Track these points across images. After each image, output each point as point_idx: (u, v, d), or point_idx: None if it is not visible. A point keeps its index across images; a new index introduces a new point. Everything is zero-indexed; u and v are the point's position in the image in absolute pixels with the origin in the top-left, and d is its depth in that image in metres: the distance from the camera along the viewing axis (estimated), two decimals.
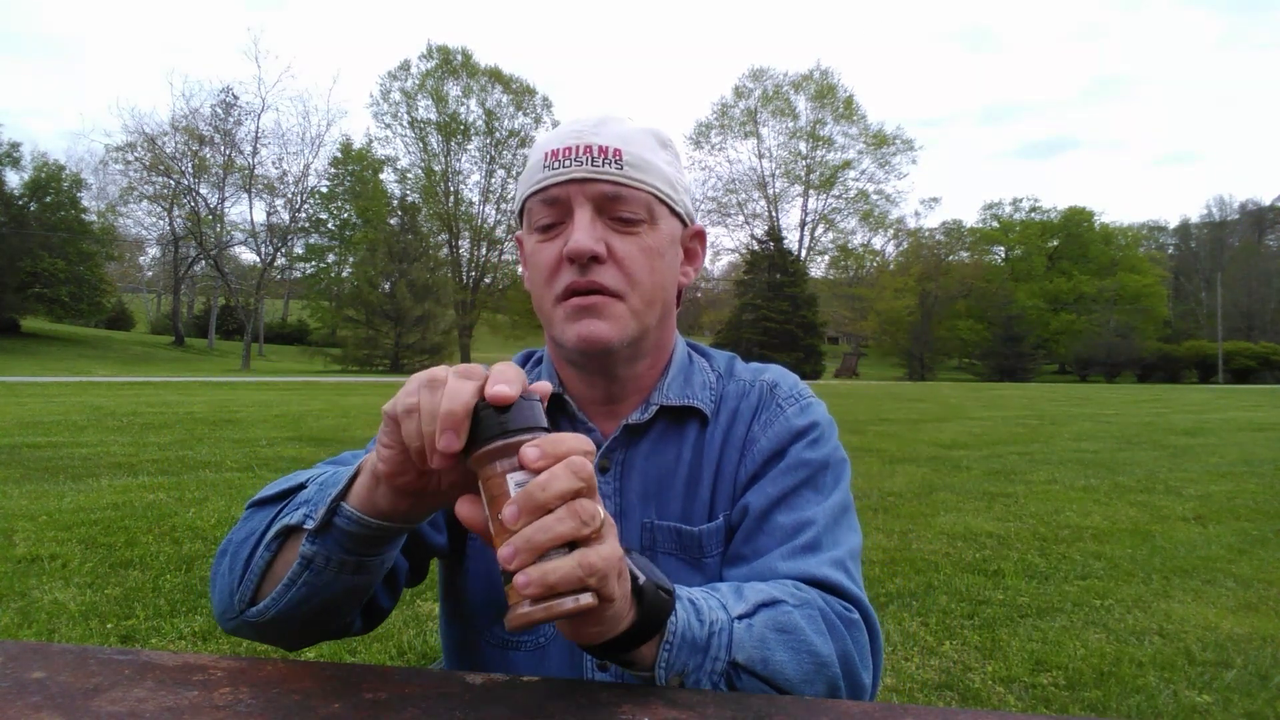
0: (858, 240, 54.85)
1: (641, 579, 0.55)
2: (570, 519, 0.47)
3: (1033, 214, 59.06)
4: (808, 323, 43.85)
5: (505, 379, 0.50)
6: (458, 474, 0.55)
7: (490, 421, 0.49)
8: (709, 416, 0.84)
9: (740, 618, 0.62)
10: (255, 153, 38.52)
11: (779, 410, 0.84)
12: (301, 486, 0.65)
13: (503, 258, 44.56)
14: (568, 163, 0.75)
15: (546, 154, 0.77)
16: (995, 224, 59.25)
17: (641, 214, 0.77)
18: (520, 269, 0.88)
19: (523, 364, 0.92)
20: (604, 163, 0.75)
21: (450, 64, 42.88)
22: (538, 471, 0.48)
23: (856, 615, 0.69)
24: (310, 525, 0.59)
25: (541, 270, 0.77)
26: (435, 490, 0.57)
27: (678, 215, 0.82)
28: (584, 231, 0.73)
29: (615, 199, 0.75)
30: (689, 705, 0.54)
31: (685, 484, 0.82)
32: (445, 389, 0.50)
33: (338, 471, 0.64)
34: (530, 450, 0.48)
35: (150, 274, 63.23)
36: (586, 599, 0.48)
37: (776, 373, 0.89)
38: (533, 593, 0.47)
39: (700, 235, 0.88)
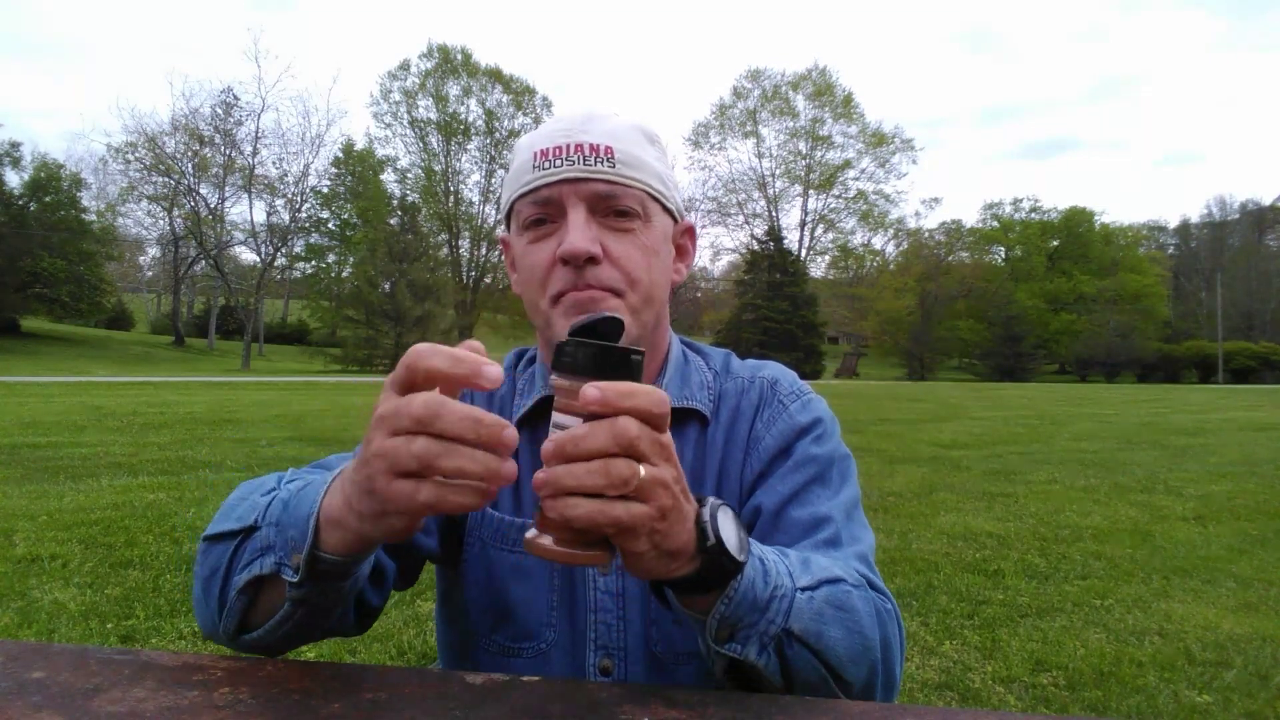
0: (858, 240, 55.01)
1: (710, 541, 0.55)
2: (600, 476, 0.47)
3: (1033, 214, 59.00)
4: (808, 323, 43.83)
5: (485, 366, 0.48)
6: None
7: (558, 351, 0.51)
8: (709, 417, 0.83)
9: (803, 589, 0.61)
10: (255, 153, 38.53)
11: (781, 407, 0.83)
12: (254, 528, 0.63)
13: (503, 258, 44.41)
14: (558, 162, 0.73)
15: (535, 154, 0.75)
16: (995, 224, 59.19)
17: (636, 212, 0.75)
18: (510, 272, 0.86)
19: (514, 363, 0.91)
20: (595, 161, 0.73)
21: (450, 63, 42.93)
22: (590, 417, 0.48)
23: (891, 607, 0.69)
24: (290, 577, 0.58)
25: (535, 272, 0.76)
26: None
27: (669, 212, 0.81)
28: (579, 232, 0.72)
29: (609, 198, 0.74)
30: (689, 705, 0.54)
31: (688, 485, 0.81)
32: (462, 445, 0.47)
33: (287, 505, 0.61)
34: (591, 391, 0.48)
35: (150, 274, 63.24)
36: (596, 554, 0.50)
37: (775, 369, 0.88)
38: (552, 524, 0.49)
39: (690, 231, 0.87)
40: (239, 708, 0.52)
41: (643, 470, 0.48)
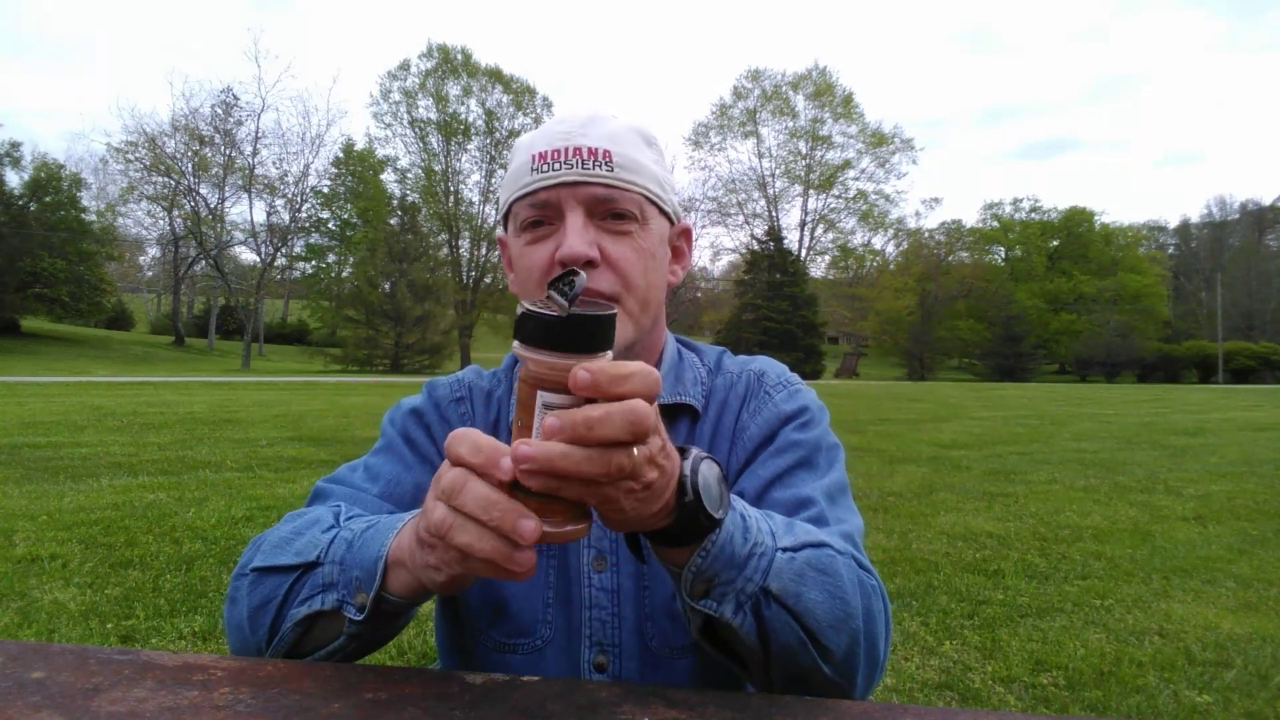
0: (858, 240, 54.92)
1: (689, 497, 0.54)
2: (599, 465, 0.45)
3: (1033, 214, 58.97)
4: (808, 323, 43.82)
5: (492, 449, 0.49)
6: None
7: (544, 329, 0.47)
8: (699, 412, 0.84)
9: (785, 549, 0.61)
10: (255, 153, 38.54)
11: (767, 397, 0.83)
12: (314, 564, 0.65)
13: (500, 257, 44.33)
14: (557, 165, 0.74)
15: (534, 156, 0.75)
16: (995, 224, 59.16)
17: (633, 215, 0.76)
18: (507, 271, 0.87)
19: (512, 365, 0.92)
20: (594, 165, 0.74)
21: (450, 63, 42.83)
22: (583, 400, 0.46)
23: (876, 583, 0.68)
24: (353, 615, 0.61)
25: (532, 274, 0.76)
26: None
27: (666, 214, 0.81)
28: (576, 236, 0.73)
29: (607, 201, 0.74)
30: (689, 705, 0.54)
31: None
32: (472, 519, 0.49)
33: (351, 545, 0.63)
34: (581, 375, 0.45)
35: (150, 274, 63.23)
36: (578, 528, 0.50)
37: (764, 362, 0.89)
38: (530, 502, 0.48)
39: (686, 233, 0.87)
40: (239, 708, 0.52)
41: (636, 451, 0.48)
